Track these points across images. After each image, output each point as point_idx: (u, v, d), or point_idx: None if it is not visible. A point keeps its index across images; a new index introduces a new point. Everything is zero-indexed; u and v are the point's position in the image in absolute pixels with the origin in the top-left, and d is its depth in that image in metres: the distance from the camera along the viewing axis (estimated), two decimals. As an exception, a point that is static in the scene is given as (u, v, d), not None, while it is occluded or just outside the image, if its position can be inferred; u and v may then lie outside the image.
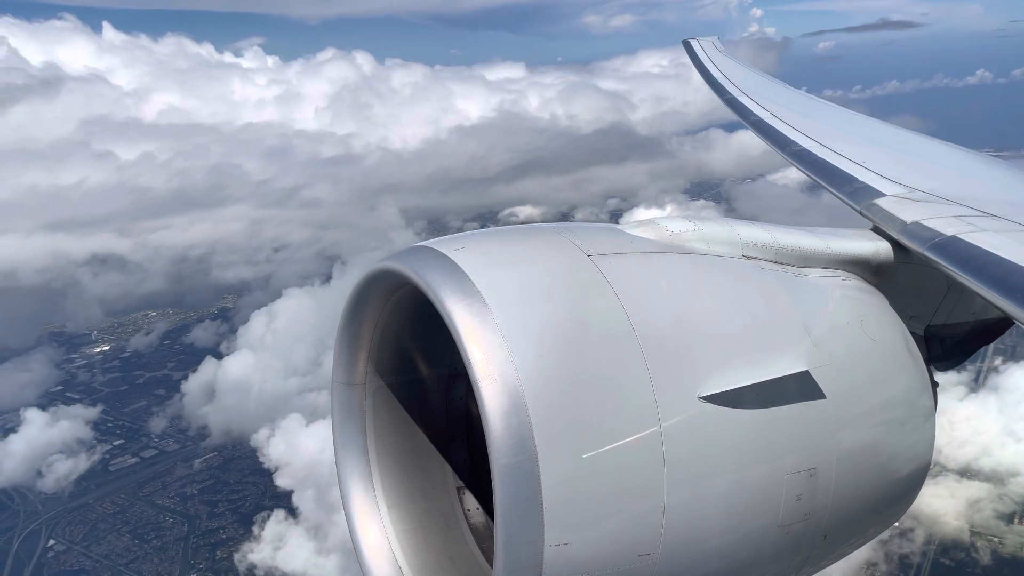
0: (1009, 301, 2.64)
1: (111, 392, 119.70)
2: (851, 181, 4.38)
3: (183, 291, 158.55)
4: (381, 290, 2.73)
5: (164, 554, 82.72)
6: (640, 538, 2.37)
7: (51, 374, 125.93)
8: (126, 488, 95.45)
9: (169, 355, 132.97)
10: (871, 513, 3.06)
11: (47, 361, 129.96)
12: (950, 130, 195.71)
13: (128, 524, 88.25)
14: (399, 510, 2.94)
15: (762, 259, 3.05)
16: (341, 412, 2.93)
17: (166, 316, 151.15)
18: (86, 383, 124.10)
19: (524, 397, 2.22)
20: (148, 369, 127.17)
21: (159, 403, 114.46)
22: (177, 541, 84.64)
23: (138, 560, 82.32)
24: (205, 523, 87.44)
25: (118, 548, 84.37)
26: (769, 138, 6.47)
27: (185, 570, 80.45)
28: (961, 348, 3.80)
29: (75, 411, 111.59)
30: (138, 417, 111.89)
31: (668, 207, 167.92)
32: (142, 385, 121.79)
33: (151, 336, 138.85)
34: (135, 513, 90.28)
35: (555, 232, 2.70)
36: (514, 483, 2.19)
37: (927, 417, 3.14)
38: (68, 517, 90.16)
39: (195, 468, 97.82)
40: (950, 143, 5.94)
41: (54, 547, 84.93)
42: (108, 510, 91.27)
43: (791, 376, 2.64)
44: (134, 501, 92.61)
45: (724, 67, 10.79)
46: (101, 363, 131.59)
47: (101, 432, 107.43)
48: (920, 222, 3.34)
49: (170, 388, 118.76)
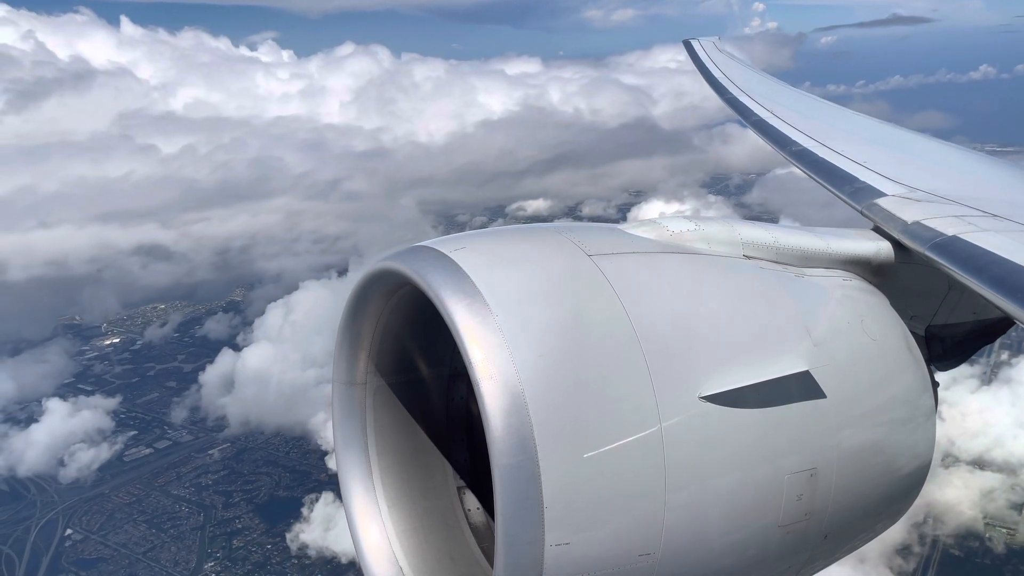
0: (1010, 301, 2.63)
1: (123, 383, 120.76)
2: (852, 181, 4.37)
3: (194, 284, 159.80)
4: (382, 290, 2.74)
5: (181, 543, 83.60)
6: (641, 538, 2.37)
7: (67, 365, 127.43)
8: (141, 478, 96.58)
9: (180, 347, 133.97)
10: (872, 513, 3.06)
11: (62, 353, 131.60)
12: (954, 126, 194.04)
13: (144, 514, 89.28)
14: (399, 510, 2.95)
15: (763, 259, 3.05)
16: (342, 412, 2.94)
17: (176, 309, 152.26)
18: (98, 375, 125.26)
19: (525, 397, 2.23)
20: (159, 361, 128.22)
21: (172, 394, 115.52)
22: (194, 531, 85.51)
23: (155, 549, 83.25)
24: (221, 513, 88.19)
25: (135, 537, 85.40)
26: (770, 138, 6.44)
27: (202, 559, 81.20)
28: (962, 348, 3.80)
29: (95, 401, 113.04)
30: (151, 408, 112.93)
31: (687, 202, 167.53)
32: (153, 377, 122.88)
33: (165, 328, 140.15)
34: (151, 503, 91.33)
35: (556, 232, 2.70)
36: (515, 483, 2.20)
37: (928, 417, 3.13)
38: (85, 507, 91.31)
39: (210, 459, 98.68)
40: (950, 143, 5.92)
41: (71, 536, 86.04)
42: (124, 500, 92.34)
43: (792, 376, 2.63)
44: (149, 491, 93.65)
45: (724, 67, 10.76)
46: (112, 355, 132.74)
47: (116, 423, 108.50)
48: (921, 222, 3.33)
49: (181, 380, 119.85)
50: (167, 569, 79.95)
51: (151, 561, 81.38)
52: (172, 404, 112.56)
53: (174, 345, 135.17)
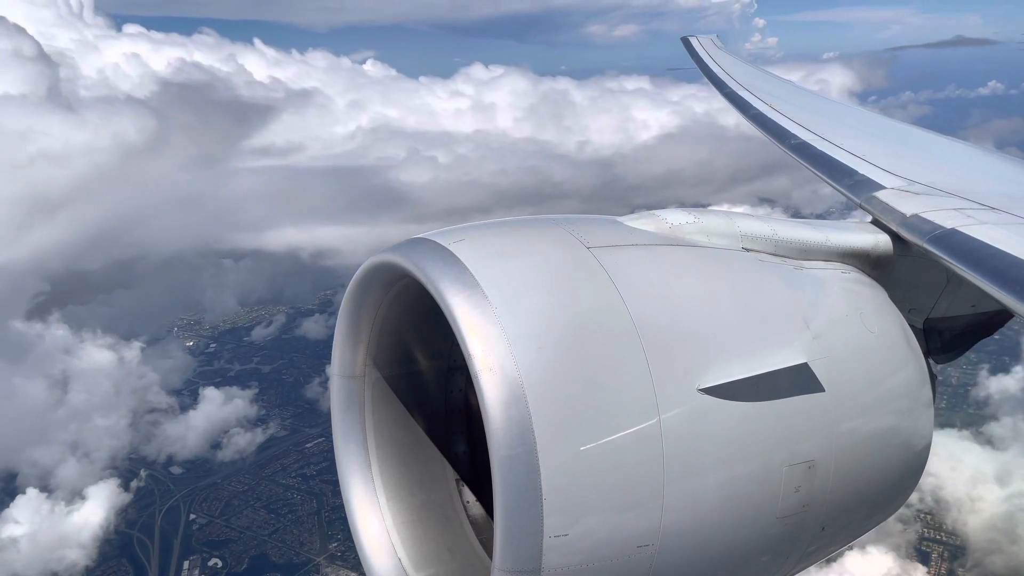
0: (1008, 294, 2.63)
1: (232, 378, 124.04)
2: (851, 174, 4.34)
3: (280, 288, 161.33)
4: (380, 282, 2.74)
5: (301, 527, 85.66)
6: (639, 529, 2.38)
7: (186, 362, 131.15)
8: (248, 469, 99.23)
9: (278, 347, 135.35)
10: (869, 505, 3.07)
11: (180, 348, 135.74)
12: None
13: (259, 500, 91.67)
14: (398, 502, 2.96)
15: (762, 252, 3.04)
16: (340, 404, 2.95)
17: (265, 311, 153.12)
18: (215, 371, 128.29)
19: (524, 389, 2.22)
20: (266, 361, 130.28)
21: (274, 390, 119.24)
22: (310, 515, 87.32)
23: (278, 532, 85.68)
24: (332, 500, 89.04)
25: (256, 522, 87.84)
26: (769, 131, 6.38)
27: (325, 541, 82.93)
28: (960, 341, 3.78)
29: (233, 392, 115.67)
30: (261, 403, 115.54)
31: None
32: (255, 374, 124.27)
33: (271, 327, 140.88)
34: (263, 491, 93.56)
35: (555, 224, 2.70)
36: (514, 474, 2.20)
37: (925, 409, 3.13)
38: (201, 494, 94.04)
39: (308, 451, 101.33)
40: (950, 136, 5.72)
41: (196, 520, 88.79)
42: (237, 488, 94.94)
43: (790, 368, 2.64)
44: (259, 481, 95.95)
45: (723, 62, 10.74)
46: (217, 353, 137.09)
47: (238, 416, 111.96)
48: (920, 215, 3.32)
49: (280, 377, 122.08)
50: (294, 549, 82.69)
51: (277, 542, 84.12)
52: (268, 399, 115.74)
53: (281, 344, 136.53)
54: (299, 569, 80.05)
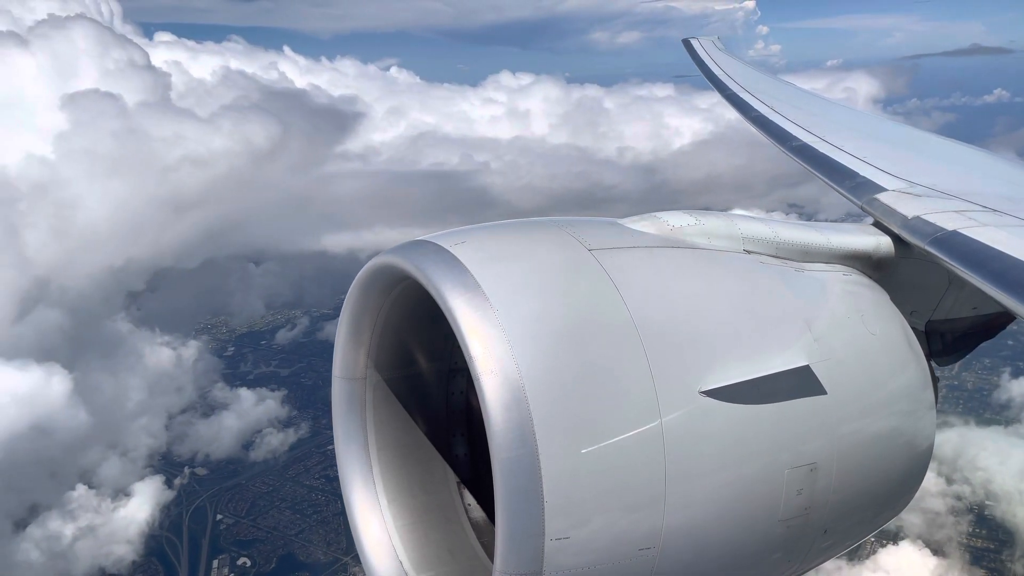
0: (1010, 296, 2.63)
1: (254, 381, 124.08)
2: (852, 176, 4.33)
3: (300, 291, 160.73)
4: (382, 284, 2.73)
5: (327, 527, 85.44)
6: (641, 532, 2.37)
7: (212, 363, 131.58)
8: (272, 470, 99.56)
9: (297, 350, 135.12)
10: (871, 508, 3.06)
11: (205, 350, 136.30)
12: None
13: (284, 501, 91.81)
14: (399, 504, 2.95)
15: (763, 254, 3.04)
16: (342, 406, 2.95)
17: (284, 315, 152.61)
18: (236, 373, 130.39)
19: (525, 391, 2.22)
20: (285, 364, 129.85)
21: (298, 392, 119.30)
22: (336, 516, 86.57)
23: (305, 532, 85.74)
24: None
25: (283, 522, 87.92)
26: (770, 133, 6.37)
27: (351, 540, 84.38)
28: (962, 343, 3.77)
29: (262, 393, 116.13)
30: (288, 404, 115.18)
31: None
32: (277, 377, 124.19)
33: (295, 331, 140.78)
34: (287, 492, 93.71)
35: (556, 226, 2.70)
36: (515, 477, 2.20)
37: (927, 412, 3.12)
38: (227, 495, 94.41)
39: (328, 453, 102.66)
40: (950, 138, 5.66)
41: (223, 520, 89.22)
42: (261, 489, 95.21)
43: (792, 371, 2.63)
44: (283, 481, 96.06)
45: (724, 64, 10.74)
46: (239, 356, 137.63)
47: (270, 417, 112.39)
48: (921, 217, 3.32)
49: (301, 380, 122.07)
50: (321, 548, 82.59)
51: (304, 542, 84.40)
52: (301, 402, 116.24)
53: (302, 347, 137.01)
54: (327, 568, 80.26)
